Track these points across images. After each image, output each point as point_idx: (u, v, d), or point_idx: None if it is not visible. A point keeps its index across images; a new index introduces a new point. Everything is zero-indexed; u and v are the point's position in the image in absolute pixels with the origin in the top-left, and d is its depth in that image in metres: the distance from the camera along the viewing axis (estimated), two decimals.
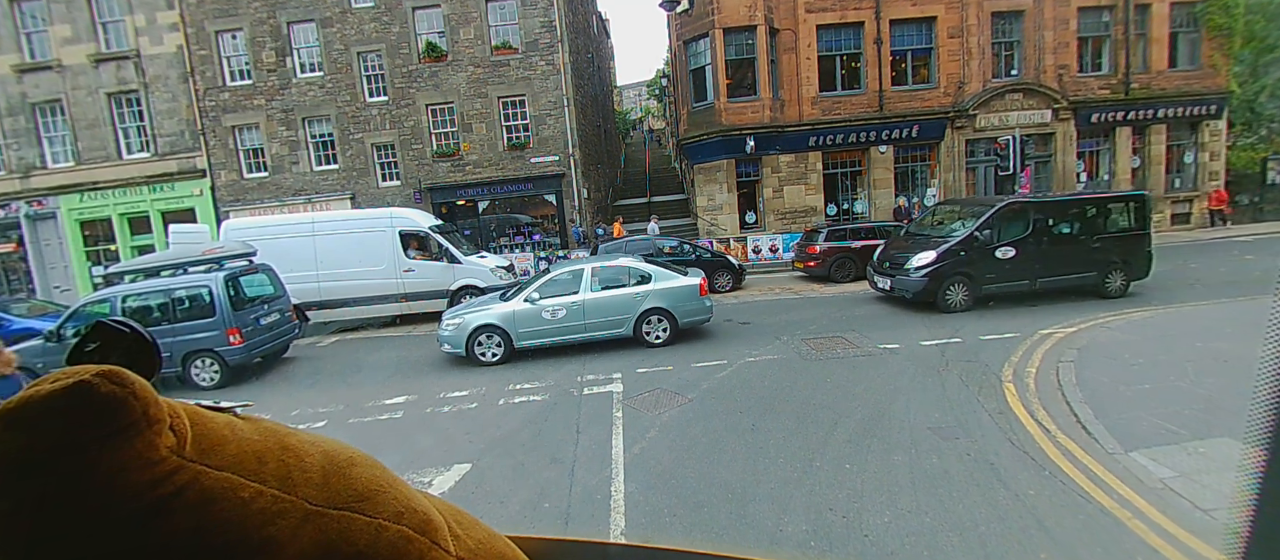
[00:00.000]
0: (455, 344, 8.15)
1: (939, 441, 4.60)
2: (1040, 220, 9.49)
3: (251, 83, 17.32)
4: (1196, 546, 3.16)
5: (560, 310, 8.21)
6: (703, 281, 8.56)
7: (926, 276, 9.20)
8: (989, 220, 9.38)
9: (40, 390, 0.46)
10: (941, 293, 9.19)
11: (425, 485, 4.44)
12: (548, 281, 8.49)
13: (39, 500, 0.44)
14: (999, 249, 9.27)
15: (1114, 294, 9.54)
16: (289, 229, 11.80)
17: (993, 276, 9.31)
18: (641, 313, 8.30)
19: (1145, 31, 17.38)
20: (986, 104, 17.33)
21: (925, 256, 9.35)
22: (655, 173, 27.84)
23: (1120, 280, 9.59)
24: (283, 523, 0.50)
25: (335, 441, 0.62)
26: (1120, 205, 9.97)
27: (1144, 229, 9.70)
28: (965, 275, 9.22)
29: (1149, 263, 9.77)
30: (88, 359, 0.56)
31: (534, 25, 17.00)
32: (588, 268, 8.57)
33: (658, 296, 8.33)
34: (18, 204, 17.59)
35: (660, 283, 8.42)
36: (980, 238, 9.30)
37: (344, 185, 17.66)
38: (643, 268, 8.65)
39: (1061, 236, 9.64)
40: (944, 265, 9.22)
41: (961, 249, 9.28)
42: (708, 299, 8.61)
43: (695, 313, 8.52)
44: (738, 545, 3.47)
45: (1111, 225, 9.78)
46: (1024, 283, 9.41)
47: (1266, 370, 0.59)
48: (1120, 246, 9.62)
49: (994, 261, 9.29)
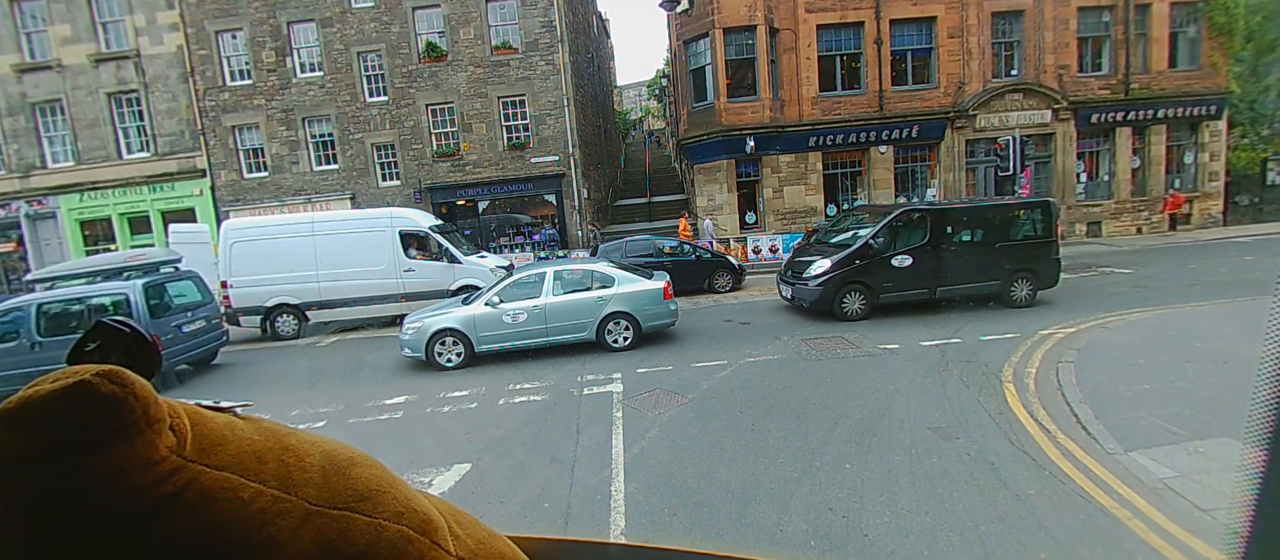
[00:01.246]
0: (415, 348, 8.06)
1: (939, 441, 4.60)
2: (939, 228, 9.28)
3: (251, 83, 17.32)
4: (1196, 546, 3.17)
5: (521, 314, 8.14)
6: (666, 285, 8.46)
7: (821, 285, 9.03)
8: (884, 228, 9.24)
9: (40, 390, 0.46)
10: (837, 301, 9.02)
11: (425, 485, 4.44)
12: (509, 285, 8.42)
13: (39, 500, 0.44)
14: (895, 257, 9.09)
15: (1020, 303, 9.29)
16: (289, 229, 11.79)
17: (890, 285, 9.13)
18: (605, 317, 8.22)
19: (1145, 31, 17.38)
20: (986, 104, 17.33)
21: (821, 265, 9.18)
22: (655, 173, 27.84)
23: (1027, 289, 9.34)
24: (283, 523, 0.50)
25: (335, 441, 0.62)
26: (1024, 213, 9.72)
27: (1050, 236, 9.47)
28: (861, 284, 9.06)
29: (1057, 271, 9.54)
30: (88, 359, 0.56)
31: (534, 25, 17.00)
32: (550, 271, 8.53)
33: (620, 301, 8.25)
34: (18, 203, 17.59)
35: (623, 286, 8.34)
36: (875, 246, 9.13)
37: (344, 185, 17.66)
38: (606, 271, 8.57)
39: (962, 244, 9.46)
40: (839, 274, 9.03)
41: (857, 257, 9.10)
42: (672, 302, 8.53)
43: (659, 317, 8.43)
44: (738, 545, 3.47)
45: (1016, 233, 9.54)
46: (922, 291, 9.22)
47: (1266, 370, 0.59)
48: (1025, 255, 9.37)
49: (890, 270, 9.10)
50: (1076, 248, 16.09)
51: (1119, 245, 16.14)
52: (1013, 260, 9.34)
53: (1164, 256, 13.60)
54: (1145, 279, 10.98)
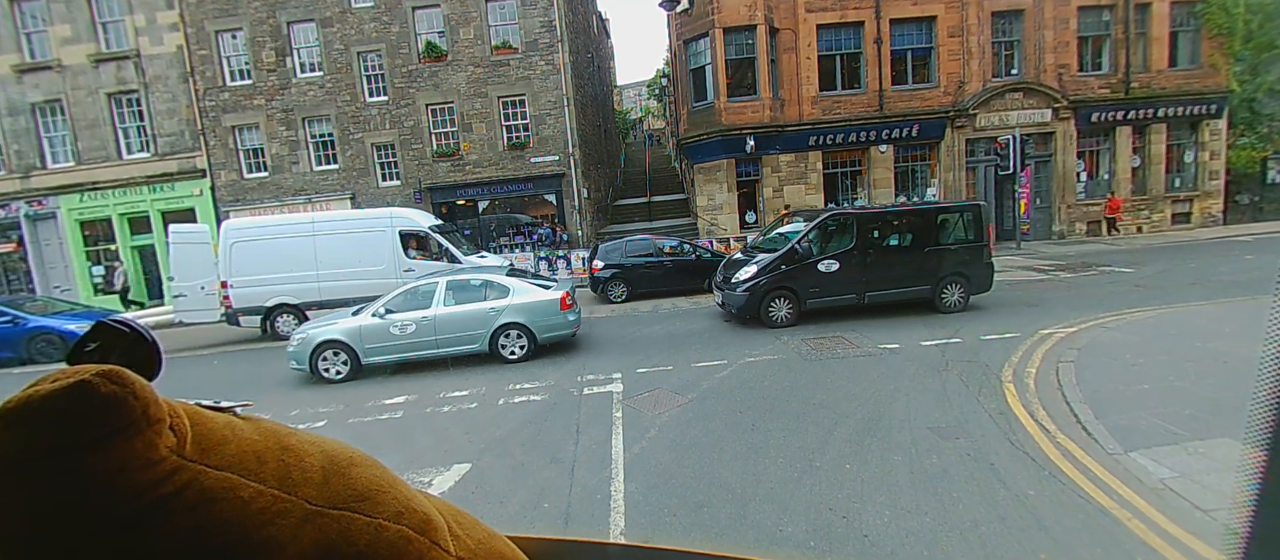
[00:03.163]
0: (300, 360, 7.86)
1: (939, 441, 4.60)
2: (865, 232, 9.18)
3: (251, 83, 17.33)
4: (1196, 547, 3.16)
5: (410, 325, 7.94)
6: (565, 295, 8.28)
7: (747, 291, 8.92)
8: (810, 232, 9.14)
9: (40, 390, 0.46)
10: (764, 307, 8.92)
11: (425, 485, 4.45)
12: (400, 295, 8.22)
13: (39, 500, 0.44)
14: (822, 262, 8.97)
15: (951, 308, 9.16)
16: (289, 229, 11.79)
17: (817, 290, 9.00)
18: (498, 328, 8.06)
19: (1145, 31, 17.38)
20: (986, 103, 17.33)
21: (748, 270, 9.07)
22: (655, 173, 27.83)
23: (958, 294, 9.21)
24: (283, 523, 0.50)
25: (335, 441, 0.62)
26: (954, 216, 9.53)
27: (981, 241, 9.31)
28: (788, 290, 8.93)
29: (990, 275, 9.42)
30: (88, 358, 0.55)
31: (534, 25, 17.00)
32: (442, 281, 8.32)
33: (515, 311, 8.09)
34: (18, 204, 17.60)
35: (518, 297, 8.17)
36: (800, 251, 9.00)
37: (344, 185, 17.66)
38: (503, 281, 8.37)
39: (890, 249, 9.34)
40: (766, 280, 8.92)
41: (783, 263, 8.96)
42: (572, 312, 8.35)
43: (556, 327, 8.25)
44: (738, 545, 3.47)
45: (946, 237, 9.39)
46: (850, 297, 9.11)
47: (1266, 370, 0.59)
48: (956, 259, 9.22)
49: (817, 275, 8.97)
50: (1077, 247, 16.10)
51: (1119, 244, 16.14)
52: (943, 264, 9.18)
53: (1164, 255, 13.60)
54: (1146, 278, 10.98)
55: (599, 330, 9.87)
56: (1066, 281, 11.30)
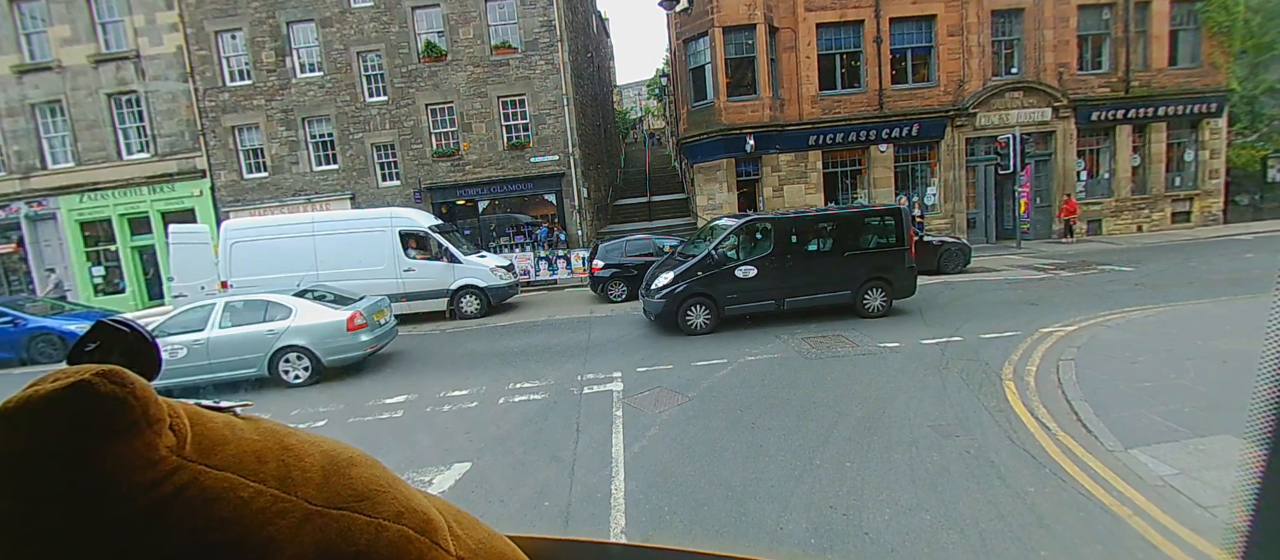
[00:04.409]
0: None
1: (939, 439, 4.60)
2: (783, 237, 9.04)
3: (251, 83, 17.32)
4: (1197, 543, 3.17)
5: (181, 349, 7.55)
6: (353, 316, 7.91)
7: (664, 298, 8.81)
8: (727, 238, 9.05)
9: (40, 389, 0.46)
10: (681, 314, 8.80)
11: (425, 484, 4.45)
12: (176, 316, 7.90)
13: (39, 500, 0.44)
14: (740, 268, 8.86)
15: (874, 313, 9.09)
16: (289, 229, 11.80)
17: (735, 296, 8.89)
18: (277, 350, 7.72)
19: (1145, 29, 17.37)
20: (986, 102, 17.32)
21: (665, 277, 8.96)
22: (655, 172, 27.83)
23: (880, 299, 9.13)
24: (283, 523, 0.50)
25: (335, 441, 0.62)
26: (875, 220, 9.45)
27: (902, 244, 9.19)
28: (706, 296, 8.82)
29: (912, 279, 9.34)
30: (88, 358, 0.56)
31: (533, 24, 16.99)
32: (220, 301, 8.04)
33: (296, 333, 7.74)
34: (18, 204, 17.60)
35: (300, 318, 7.82)
36: (716, 256, 8.90)
37: (344, 185, 17.66)
38: (285, 301, 8.00)
39: (810, 254, 9.18)
40: (683, 286, 8.80)
41: (700, 269, 8.84)
42: (363, 333, 7.98)
43: (343, 350, 7.87)
44: (738, 544, 3.47)
45: (866, 242, 9.30)
46: (769, 302, 8.99)
47: (1267, 368, 0.59)
48: (877, 263, 9.14)
49: (735, 281, 8.85)
50: (1077, 246, 16.10)
51: (1119, 243, 16.14)
52: (864, 268, 9.10)
53: (1164, 254, 13.60)
54: (1146, 277, 10.98)
55: (599, 330, 9.88)
56: (1066, 280, 11.30)
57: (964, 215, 17.74)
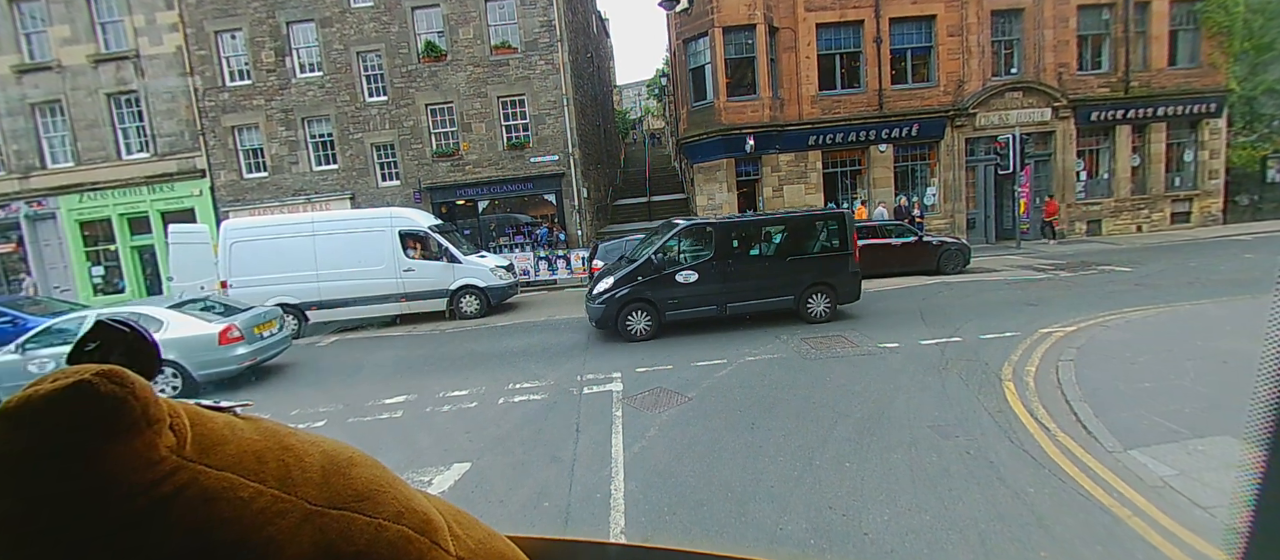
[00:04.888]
0: None
1: (939, 440, 4.60)
2: (724, 242, 8.91)
3: (251, 83, 17.32)
4: (1196, 544, 3.17)
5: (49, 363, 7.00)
6: (226, 329, 7.63)
7: (603, 303, 8.73)
8: (667, 243, 8.97)
9: (41, 389, 0.46)
10: (621, 320, 8.67)
11: (425, 485, 4.45)
12: (40, 332, 7.42)
13: (39, 500, 0.44)
14: (680, 273, 8.74)
15: (818, 318, 8.96)
16: (289, 229, 11.80)
17: (675, 302, 8.76)
18: None
19: (1145, 29, 17.38)
20: (986, 102, 17.33)
21: (605, 282, 8.89)
22: (655, 173, 27.83)
23: (824, 304, 9.01)
24: (282, 522, 0.50)
25: (335, 441, 0.62)
26: (818, 225, 9.35)
27: (846, 249, 9.07)
28: (646, 301, 8.68)
29: (857, 284, 9.21)
30: (88, 358, 0.56)
31: (533, 24, 16.99)
32: (91, 315, 7.56)
33: (166, 347, 7.25)
34: (18, 204, 17.59)
35: (170, 331, 7.50)
36: (657, 261, 8.79)
37: (344, 185, 17.66)
38: (156, 313, 7.68)
39: (751, 258, 9.10)
40: (623, 291, 8.68)
41: (640, 274, 8.71)
42: (238, 347, 7.69)
43: (215, 364, 7.60)
44: (738, 544, 3.47)
45: (809, 246, 9.21)
46: (710, 308, 8.87)
47: (1266, 368, 0.59)
48: (821, 268, 9.02)
49: (676, 286, 8.73)
50: (1077, 246, 16.10)
51: (1119, 243, 16.14)
52: (807, 273, 9.00)
53: (1164, 255, 13.61)
54: (1146, 277, 10.98)
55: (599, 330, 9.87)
56: (1066, 281, 11.31)
57: (964, 215, 17.75)
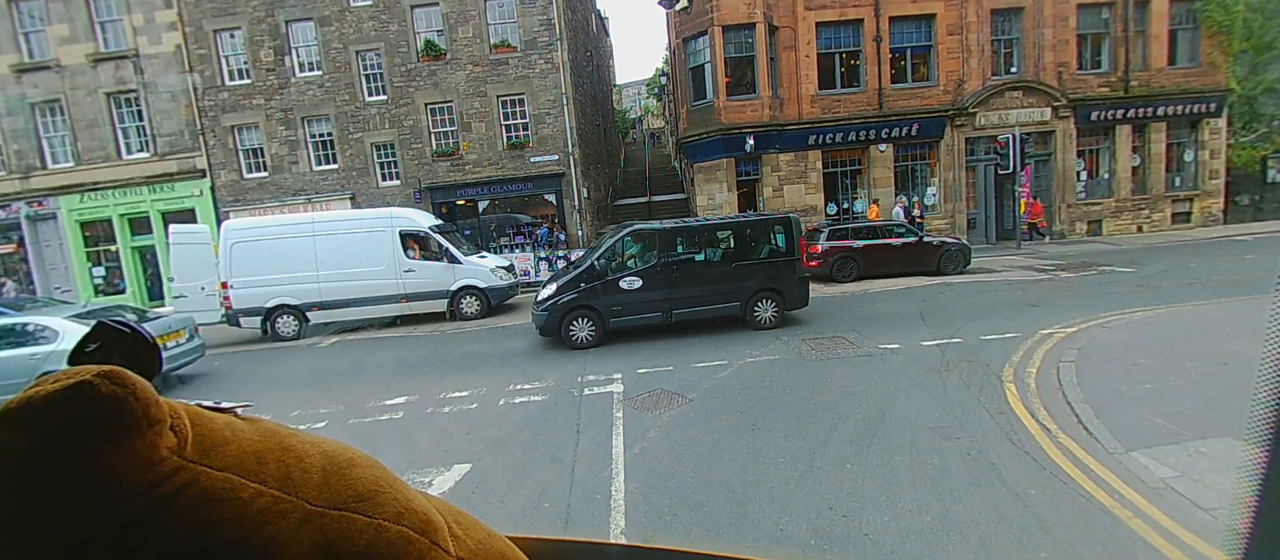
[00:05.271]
0: None
1: (939, 441, 4.60)
2: (668, 247, 8.81)
3: (250, 82, 17.32)
4: (1198, 546, 3.16)
5: None
6: None
7: (546, 311, 8.60)
8: (610, 248, 8.87)
9: (41, 390, 0.46)
10: (564, 328, 8.55)
11: (425, 485, 4.45)
12: None
13: (40, 500, 0.44)
14: (624, 279, 8.63)
15: (765, 325, 8.85)
16: (289, 229, 11.80)
17: (619, 309, 8.64)
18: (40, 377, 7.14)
19: (1144, 29, 17.38)
20: (986, 102, 17.33)
21: (549, 289, 8.82)
22: (655, 172, 27.84)
23: (771, 309, 8.90)
24: (283, 523, 0.50)
25: (335, 442, 0.62)
26: (764, 230, 9.24)
27: (793, 254, 8.97)
28: (589, 308, 8.58)
29: (805, 290, 9.14)
30: (89, 359, 0.56)
31: (533, 23, 16.99)
32: None
33: (60, 359, 7.09)
34: (18, 204, 17.60)
35: (66, 342, 7.25)
36: (599, 268, 8.67)
37: (344, 185, 17.66)
38: (53, 324, 7.44)
39: (696, 264, 8.97)
40: (566, 298, 8.57)
41: (582, 280, 8.61)
42: None
43: None
44: (738, 545, 3.47)
45: (756, 251, 9.08)
46: (656, 315, 8.75)
47: (1267, 369, 0.59)
48: (768, 273, 8.92)
49: (619, 293, 8.61)
50: (1077, 246, 16.10)
51: (1120, 243, 16.14)
52: (754, 279, 8.89)
53: (1165, 255, 13.60)
54: (1147, 278, 10.98)
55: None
56: (1067, 281, 11.30)
57: (964, 215, 17.76)
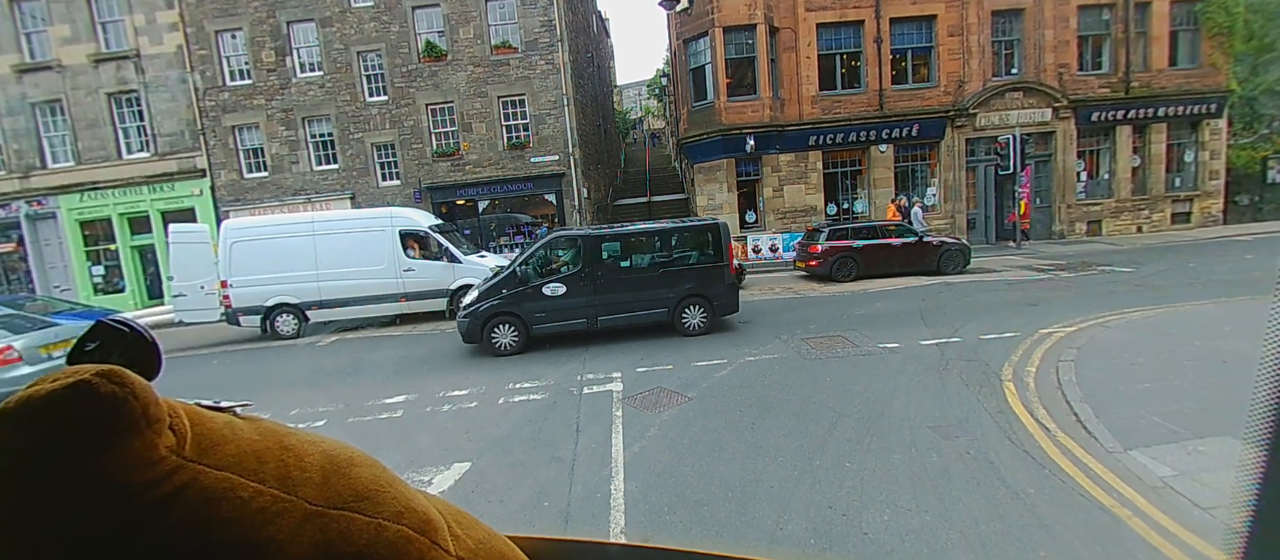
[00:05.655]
0: None
1: (939, 440, 4.60)
2: (592, 253, 8.71)
3: (251, 82, 17.33)
4: (1196, 544, 3.17)
5: None
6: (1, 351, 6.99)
7: (467, 317, 8.53)
8: (533, 254, 8.84)
9: (40, 389, 0.46)
10: (486, 334, 8.48)
11: (425, 484, 4.45)
12: None
13: (39, 500, 0.44)
14: (547, 285, 8.58)
15: (695, 331, 8.79)
16: (289, 229, 11.80)
17: (543, 315, 8.59)
18: None
19: (1145, 30, 17.38)
20: (987, 103, 17.33)
21: (470, 295, 8.76)
22: (655, 173, 27.84)
23: (700, 316, 8.83)
24: (282, 523, 0.50)
25: (335, 441, 0.62)
26: (691, 235, 9.19)
27: (721, 259, 8.89)
28: (512, 315, 8.51)
29: (734, 295, 9.14)
30: (88, 358, 0.55)
31: (533, 24, 17.00)
32: None
33: None
34: (18, 204, 17.60)
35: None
36: (521, 274, 8.64)
37: (344, 185, 17.67)
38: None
39: (623, 270, 8.89)
40: (487, 305, 8.49)
41: (504, 287, 8.56)
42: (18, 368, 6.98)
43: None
44: (738, 544, 3.47)
45: (684, 258, 9.02)
46: (580, 322, 8.70)
47: (1266, 369, 0.59)
48: (696, 279, 8.84)
49: (543, 299, 8.56)
50: (1077, 246, 16.10)
51: (1120, 243, 16.14)
52: (681, 285, 8.82)
53: (1165, 255, 13.60)
54: (1146, 277, 10.98)
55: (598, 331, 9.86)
56: (1066, 281, 11.31)
57: (964, 216, 17.76)
